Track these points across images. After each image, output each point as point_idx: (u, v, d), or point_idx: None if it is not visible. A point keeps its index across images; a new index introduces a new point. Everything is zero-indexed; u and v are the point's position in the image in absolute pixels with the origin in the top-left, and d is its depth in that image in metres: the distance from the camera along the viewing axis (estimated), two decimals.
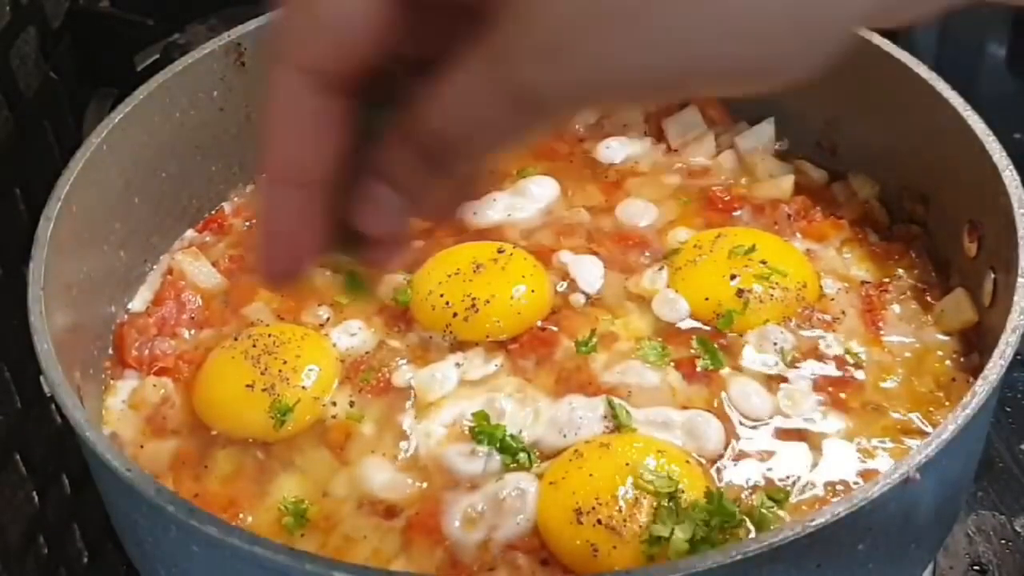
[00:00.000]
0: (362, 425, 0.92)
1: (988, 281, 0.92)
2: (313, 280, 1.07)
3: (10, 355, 1.01)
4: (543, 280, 1.01)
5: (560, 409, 0.91)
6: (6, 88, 1.04)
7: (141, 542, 0.82)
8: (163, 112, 1.04)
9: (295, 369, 0.94)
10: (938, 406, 0.91)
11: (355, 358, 0.98)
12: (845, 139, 1.14)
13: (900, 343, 0.97)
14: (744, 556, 0.65)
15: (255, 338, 0.96)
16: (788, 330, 0.97)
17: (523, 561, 0.82)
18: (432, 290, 0.99)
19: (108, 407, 0.97)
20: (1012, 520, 1.07)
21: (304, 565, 0.66)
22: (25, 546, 1.03)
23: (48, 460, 1.08)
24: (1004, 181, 0.89)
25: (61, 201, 0.92)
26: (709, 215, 1.11)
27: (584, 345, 0.96)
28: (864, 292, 1.01)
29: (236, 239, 1.12)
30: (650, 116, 1.21)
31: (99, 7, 1.24)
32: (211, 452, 0.92)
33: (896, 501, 0.71)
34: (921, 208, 1.06)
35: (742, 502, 0.84)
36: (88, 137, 0.98)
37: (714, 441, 0.88)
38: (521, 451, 0.88)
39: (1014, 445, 1.13)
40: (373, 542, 0.84)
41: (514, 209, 1.11)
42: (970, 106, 0.95)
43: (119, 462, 0.74)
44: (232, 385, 0.93)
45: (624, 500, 0.81)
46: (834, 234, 1.07)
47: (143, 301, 1.06)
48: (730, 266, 0.99)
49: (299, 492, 0.88)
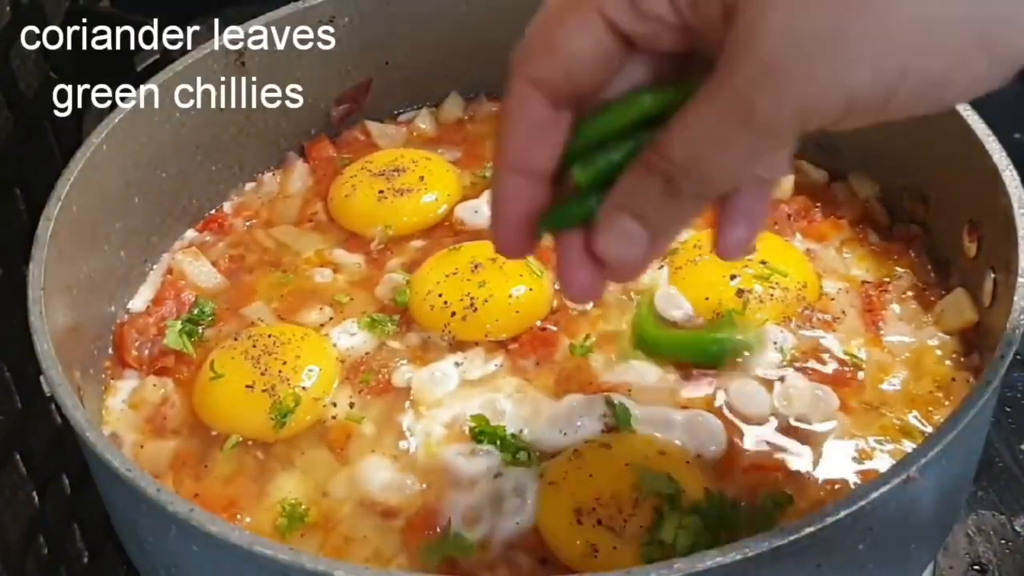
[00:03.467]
0: (362, 425, 0.92)
1: (988, 281, 0.92)
2: (313, 280, 1.07)
3: (10, 355, 1.01)
4: (542, 279, 1.01)
5: (560, 409, 0.91)
6: (6, 88, 1.04)
7: (141, 542, 0.82)
8: (163, 112, 1.04)
9: (295, 369, 0.94)
10: (938, 406, 0.91)
11: (355, 358, 0.98)
12: (845, 139, 1.14)
13: (900, 343, 0.97)
14: (744, 556, 0.65)
15: (255, 338, 0.97)
16: (788, 330, 0.97)
17: (523, 561, 0.82)
18: (431, 290, 1.00)
19: (108, 407, 0.97)
20: (1012, 520, 1.07)
21: (304, 565, 0.66)
22: (25, 546, 1.03)
23: (48, 460, 1.08)
24: (1004, 181, 0.89)
25: (61, 201, 0.92)
26: (709, 215, 1.10)
27: (579, 347, 0.96)
28: (864, 292, 1.01)
29: (236, 239, 1.13)
30: None
31: (99, 7, 1.24)
32: (211, 452, 0.92)
33: (896, 501, 0.71)
34: (921, 208, 1.06)
35: (742, 502, 0.83)
36: (88, 137, 0.98)
37: (714, 441, 0.88)
38: (521, 449, 0.88)
39: (1014, 445, 1.13)
40: (373, 542, 0.84)
41: None
42: (970, 106, 0.95)
43: (119, 462, 0.74)
44: (232, 385, 0.93)
45: (624, 501, 0.81)
46: (834, 234, 1.07)
47: (143, 301, 1.06)
48: (730, 266, 0.99)
49: (299, 492, 0.88)
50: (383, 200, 1.11)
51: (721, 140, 0.54)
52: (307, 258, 1.10)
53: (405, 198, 1.11)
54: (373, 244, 1.10)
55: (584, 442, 0.88)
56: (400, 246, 1.09)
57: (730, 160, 0.55)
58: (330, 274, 1.08)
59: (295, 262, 1.09)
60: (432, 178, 1.13)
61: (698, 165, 0.55)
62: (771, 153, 0.55)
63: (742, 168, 0.56)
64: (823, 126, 0.53)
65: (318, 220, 1.14)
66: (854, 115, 0.53)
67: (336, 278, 1.07)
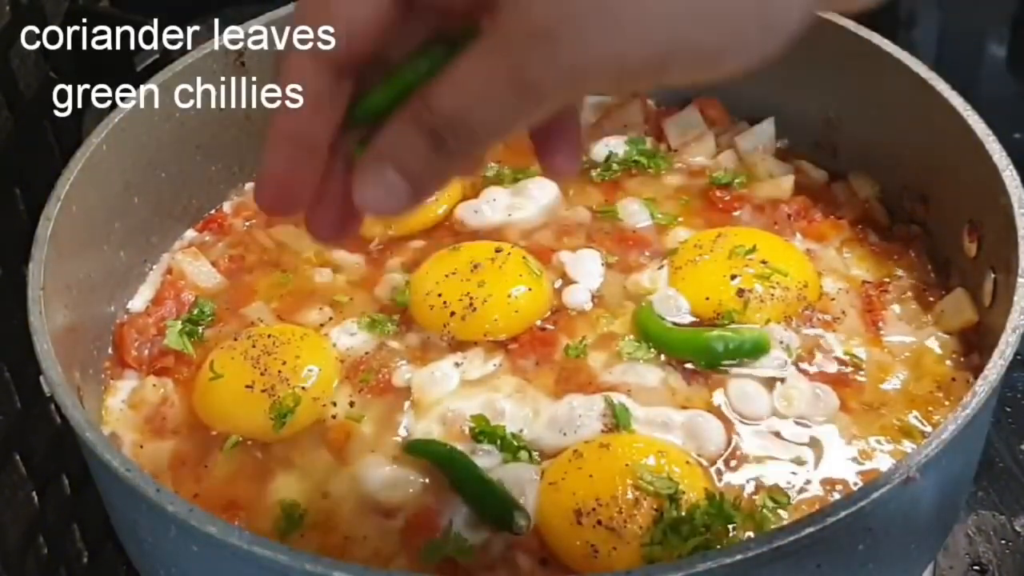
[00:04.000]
0: (362, 425, 0.92)
1: (988, 281, 0.92)
2: (313, 280, 1.07)
3: (10, 355, 1.01)
4: (541, 279, 1.01)
5: (560, 409, 0.91)
6: (6, 88, 1.04)
7: (141, 542, 0.82)
8: (163, 112, 1.04)
9: (295, 369, 0.94)
10: (938, 406, 0.91)
11: (355, 358, 0.98)
12: (845, 139, 1.14)
13: (900, 343, 0.97)
14: (744, 556, 0.65)
15: (255, 338, 0.97)
16: (789, 329, 0.97)
17: (523, 561, 0.82)
18: (430, 290, 1.00)
19: (108, 407, 0.97)
20: (1012, 520, 1.07)
21: (304, 565, 0.66)
22: (25, 546, 1.03)
23: (48, 460, 1.08)
24: (1004, 181, 0.89)
25: (61, 201, 0.92)
26: (709, 215, 1.11)
27: (574, 348, 0.96)
28: (864, 292, 1.01)
29: (236, 239, 1.13)
30: (650, 116, 1.21)
31: (99, 7, 1.24)
32: (211, 452, 0.92)
33: (896, 501, 0.71)
34: (921, 208, 1.06)
35: (742, 502, 0.84)
36: (88, 137, 0.98)
37: (714, 441, 0.88)
38: (521, 449, 0.88)
39: (1014, 445, 1.13)
40: (373, 542, 0.84)
41: (514, 209, 1.11)
42: (970, 106, 0.95)
43: (119, 462, 0.74)
44: (232, 385, 0.93)
45: (624, 501, 0.81)
46: (834, 234, 1.07)
47: (143, 301, 1.06)
48: (730, 266, 0.99)
49: (299, 492, 0.88)
50: None
51: (490, 97, 0.53)
52: (307, 258, 1.10)
53: None
54: (373, 244, 1.10)
55: (584, 442, 0.88)
56: (400, 246, 1.09)
57: (498, 117, 0.53)
58: (330, 274, 1.07)
59: (295, 262, 1.09)
60: None
61: (465, 120, 0.54)
62: (541, 111, 0.54)
63: (510, 125, 0.54)
64: (600, 90, 0.54)
65: None
66: (628, 81, 0.53)
67: (336, 278, 1.07)
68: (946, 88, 0.98)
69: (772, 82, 1.15)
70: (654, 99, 1.22)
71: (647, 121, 1.21)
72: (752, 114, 1.19)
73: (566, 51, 0.50)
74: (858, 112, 1.10)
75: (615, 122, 1.21)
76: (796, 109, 1.15)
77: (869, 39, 1.04)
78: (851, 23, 1.06)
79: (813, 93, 1.14)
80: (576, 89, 0.53)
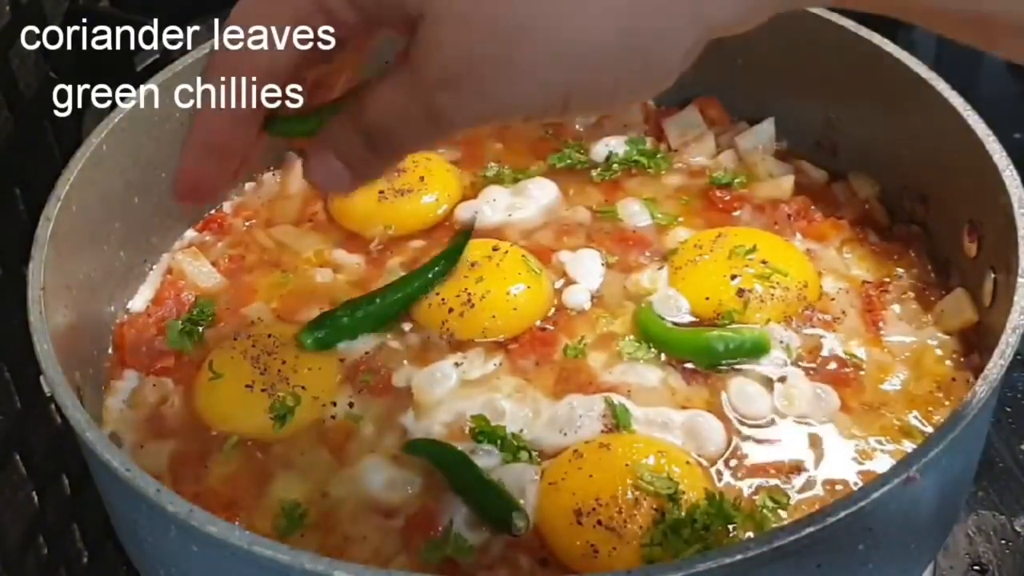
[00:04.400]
0: (362, 425, 0.92)
1: (988, 281, 0.92)
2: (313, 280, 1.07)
3: (10, 355, 1.01)
4: (541, 278, 1.01)
5: (560, 409, 0.91)
6: (6, 88, 1.04)
7: (141, 542, 0.82)
8: (163, 112, 1.04)
9: (295, 369, 0.94)
10: (938, 406, 0.91)
11: (355, 358, 0.98)
12: (845, 139, 1.14)
13: (900, 343, 0.97)
14: (744, 556, 0.65)
15: (255, 338, 0.97)
16: (789, 329, 0.97)
17: (523, 561, 0.82)
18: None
19: (108, 407, 0.97)
20: (1012, 520, 1.07)
21: (304, 565, 0.66)
22: (25, 546, 1.03)
23: (48, 460, 1.08)
24: (1004, 181, 0.89)
25: (61, 201, 0.92)
26: (709, 215, 1.11)
27: (574, 349, 0.96)
28: (864, 292, 1.01)
29: (236, 239, 1.13)
30: (650, 116, 1.21)
31: (99, 7, 1.24)
32: (211, 452, 0.92)
33: (896, 501, 0.71)
34: (921, 208, 1.06)
35: (742, 502, 0.84)
36: (88, 137, 0.98)
37: (714, 441, 0.88)
38: (521, 449, 0.88)
39: (1014, 445, 1.13)
40: (373, 542, 0.84)
41: (514, 209, 1.11)
42: (970, 106, 0.95)
43: (119, 462, 0.74)
44: (232, 385, 0.93)
45: (624, 501, 0.81)
46: (834, 234, 1.07)
47: (143, 301, 1.06)
48: (730, 266, 0.99)
49: (299, 492, 0.88)
50: (383, 200, 1.11)
51: (407, 120, 0.60)
52: (307, 258, 1.10)
53: (405, 198, 1.11)
54: (373, 244, 1.10)
55: (584, 442, 0.88)
56: (400, 246, 1.09)
57: (416, 134, 0.61)
58: (330, 274, 1.07)
59: (295, 262, 1.09)
60: (432, 178, 1.13)
61: (389, 132, 0.61)
62: (456, 134, 0.62)
63: (429, 141, 0.62)
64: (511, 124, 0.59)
65: (318, 220, 1.14)
66: (533, 118, 0.59)
67: (336, 278, 1.07)
68: (946, 88, 0.98)
69: (772, 82, 1.15)
70: (654, 99, 1.22)
71: (647, 121, 1.21)
72: (752, 114, 1.18)
73: (468, 99, 0.57)
74: (858, 112, 1.10)
75: (615, 122, 1.21)
76: (796, 109, 1.15)
77: (869, 39, 1.04)
78: (851, 23, 1.06)
79: (813, 93, 1.14)
80: (485, 124, 0.59)
